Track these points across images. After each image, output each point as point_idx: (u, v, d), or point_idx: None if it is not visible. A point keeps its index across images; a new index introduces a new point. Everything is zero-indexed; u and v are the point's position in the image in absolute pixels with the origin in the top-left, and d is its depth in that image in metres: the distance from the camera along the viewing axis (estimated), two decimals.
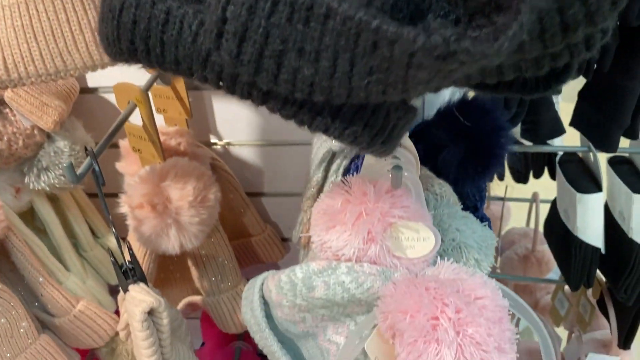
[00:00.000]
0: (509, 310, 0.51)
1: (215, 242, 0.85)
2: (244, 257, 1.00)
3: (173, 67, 0.37)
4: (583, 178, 0.93)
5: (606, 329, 1.18)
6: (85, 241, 0.92)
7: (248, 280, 0.82)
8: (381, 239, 0.55)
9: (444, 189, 0.68)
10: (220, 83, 0.37)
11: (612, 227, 0.94)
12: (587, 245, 0.92)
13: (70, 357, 0.81)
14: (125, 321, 0.77)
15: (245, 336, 1.07)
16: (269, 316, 0.64)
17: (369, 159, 0.66)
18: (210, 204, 0.74)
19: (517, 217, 1.49)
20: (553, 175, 1.27)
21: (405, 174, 0.56)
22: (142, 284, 0.70)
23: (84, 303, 0.81)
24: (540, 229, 1.19)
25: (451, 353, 0.47)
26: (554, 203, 1.04)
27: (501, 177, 1.35)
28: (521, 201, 1.33)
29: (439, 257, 0.55)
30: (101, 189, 0.63)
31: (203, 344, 1.13)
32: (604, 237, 0.93)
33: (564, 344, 1.26)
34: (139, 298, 0.66)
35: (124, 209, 0.73)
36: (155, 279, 0.90)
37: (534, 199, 1.29)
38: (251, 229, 0.96)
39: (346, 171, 0.70)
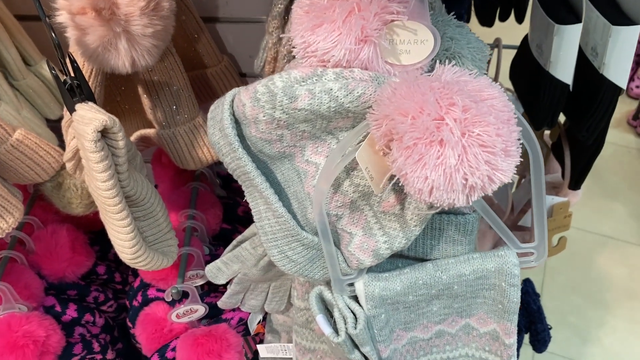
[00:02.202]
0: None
1: (169, 66, 0.76)
2: (198, 92, 0.92)
3: None
4: (561, 9, 0.88)
5: (557, 172, 1.21)
6: (16, 67, 0.80)
7: (206, 115, 0.76)
8: (376, 39, 0.48)
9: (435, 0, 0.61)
10: None
11: (581, 65, 0.91)
12: (558, 82, 0.90)
13: (11, 193, 0.74)
14: (73, 149, 0.70)
15: (202, 177, 1.02)
16: (240, 136, 0.58)
17: None
18: (164, 13, 0.64)
19: None
20: (519, 18, 1.22)
21: None
22: (91, 103, 0.61)
23: (22, 132, 0.72)
24: (502, 76, 1.16)
25: (455, 154, 0.43)
26: (524, 40, 1.00)
27: (466, 21, 1.29)
28: None
29: (437, 63, 0.50)
30: None
31: (156, 186, 1.07)
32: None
33: (513, 189, 1.30)
34: (89, 116, 0.58)
35: (62, 17, 0.62)
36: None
37: (496, 45, 1.25)
38: (206, 58, 0.87)
39: None
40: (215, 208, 0.98)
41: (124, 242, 0.67)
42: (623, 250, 2.04)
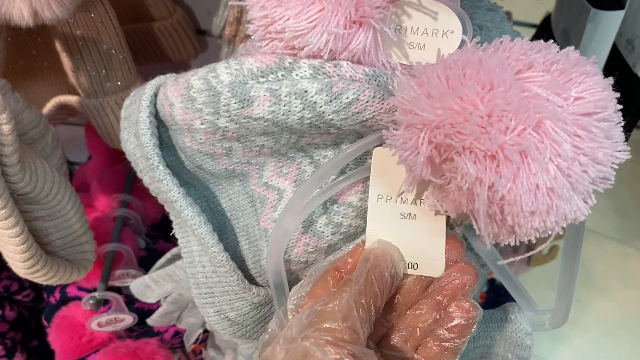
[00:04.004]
0: None
1: (97, 18, 0.57)
2: (142, 51, 0.73)
3: None
4: None
5: None
6: None
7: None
8: (377, 21, 0.32)
9: None
10: None
11: (610, 59, 0.76)
12: None
13: None
14: None
15: None
16: (165, 145, 0.41)
17: None
18: None
19: None
20: None
21: None
22: None
23: None
24: None
25: (565, 136, 0.28)
26: (546, 21, 0.84)
27: None
28: None
29: None
30: None
31: (89, 158, 0.90)
32: None
33: None
34: None
35: None
36: (8, 66, 0.63)
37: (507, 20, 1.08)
38: (153, 9, 0.68)
39: None
40: None
41: (14, 255, 0.50)
42: (603, 246, 1.95)
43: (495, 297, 1.26)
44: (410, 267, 0.36)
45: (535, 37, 0.87)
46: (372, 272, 0.33)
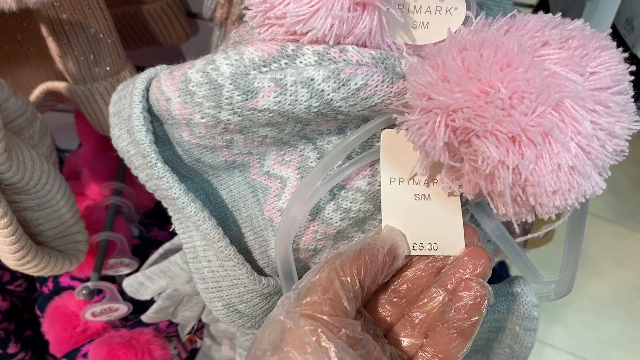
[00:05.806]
0: None
1: (84, 1, 0.55)
2: (131, 35, 0.71)
3: None
4: None
5: None
6: None
7: (137, 69, 0.56)
8: (383, 2, 0.30)
9: None
10: None
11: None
12: None
13: None
14: None
15: None
16: (160, 139, 0.39)
17: None
18: None
19: None
20: None
21: None
22: None
23: None
24: None
25: (586, 114, 0.28)
26: (542, 1, 0.82)
27: None
28: None
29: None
30: None
31: (80, 145, 0.88)
32: None
33: None
34: None
35: None
36: None
37: None
38: None
39: None
40: None
41: (3, 247, 0.49)
42: (597, 227, 1.96)
43: None
44: (429, 248, 0.35)
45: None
46: (364, 249, 0.33)
